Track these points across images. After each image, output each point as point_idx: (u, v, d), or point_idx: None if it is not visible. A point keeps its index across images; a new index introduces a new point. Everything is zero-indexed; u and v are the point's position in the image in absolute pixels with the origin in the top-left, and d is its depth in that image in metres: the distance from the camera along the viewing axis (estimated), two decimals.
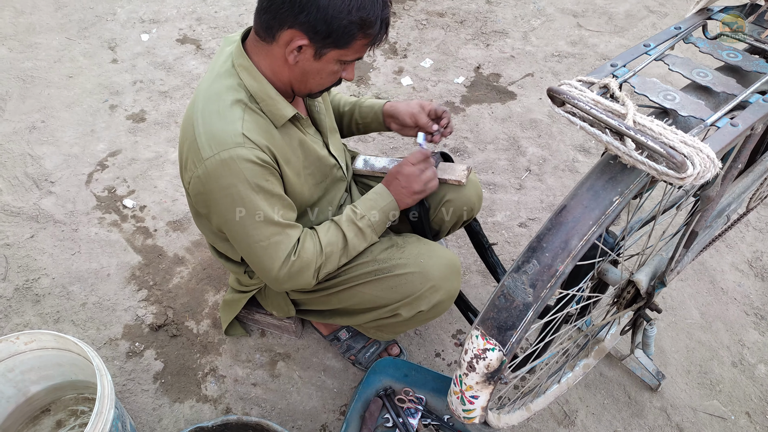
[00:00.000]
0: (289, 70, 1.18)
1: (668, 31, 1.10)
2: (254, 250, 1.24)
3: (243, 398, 1.69)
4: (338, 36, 1.10)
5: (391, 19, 1.18)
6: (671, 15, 3.27)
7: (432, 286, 1.36)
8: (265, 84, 1.19)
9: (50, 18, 3.14)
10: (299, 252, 1.26)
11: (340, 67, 1.19)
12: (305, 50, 1.13)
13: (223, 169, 1.14)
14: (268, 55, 1.17)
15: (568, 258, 0.93)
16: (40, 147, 2.43)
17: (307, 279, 1.29)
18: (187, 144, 1.20)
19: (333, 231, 1.31)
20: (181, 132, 1.25)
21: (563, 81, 0.92)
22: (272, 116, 1.21)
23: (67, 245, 2.07)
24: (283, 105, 1.22)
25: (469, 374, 1.02)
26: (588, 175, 0.98)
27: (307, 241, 1.27)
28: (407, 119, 1.49)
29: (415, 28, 3.16)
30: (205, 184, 1.18)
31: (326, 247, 1.29)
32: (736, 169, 1.07)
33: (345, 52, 1.14)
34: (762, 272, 2.02)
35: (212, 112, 1.17)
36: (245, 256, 1.29)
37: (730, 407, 1.69)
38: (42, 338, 1.42)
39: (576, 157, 2.46)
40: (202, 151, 1.15)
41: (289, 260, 1.25)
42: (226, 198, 1.18)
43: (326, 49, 1.13)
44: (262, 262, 1.25)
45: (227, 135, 1.14)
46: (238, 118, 1.15)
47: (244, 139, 1.14)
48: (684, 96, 0.94)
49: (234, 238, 1.26)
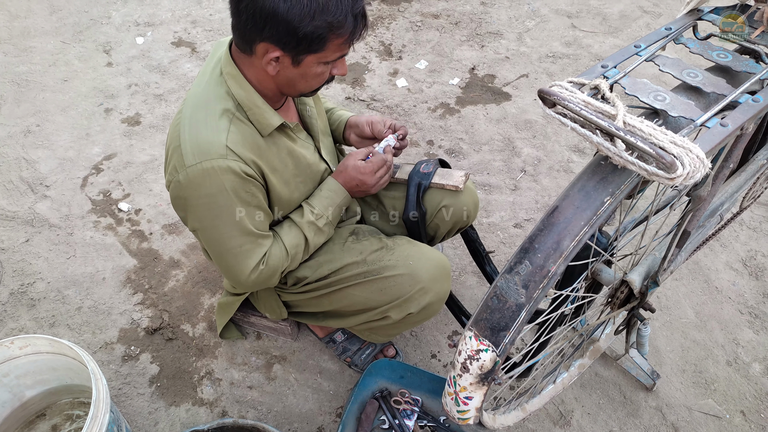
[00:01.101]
0: (273, 78, 1.18)
1: (659, 31, 1.10)
2: (225, 257, 1.27)
3: (239, 401, 1.69)
4: (309, 42, 1.08)
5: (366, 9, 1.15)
6: (665, 15, 3.28)
7: (421, 288, 1.36)
8: (252, 93, 1.19)
9: (45, 22, 3.14)
10: (267, 261, 1.30)
11: (325, 68, 1.17)
12: (282, 59, 1.12)
13: (204, 178, 1.15)
14: (251, 66, 1.17)
15: (560, 259, 0.94)
16: (35, 151, 2.43)
17: (273, 282, 1.36)
18: (172, 148, 1.21)
19: (294, 233, 1.35)
20: (168, 134, 1.26)
21: (554, 82, 0.92)
22: (259, 125, 1.22)
23: (62, 249, 2.07)
24: (269, 114, 1.22)
25: (463, 375, 1.03)
26: (579, 176, 0.98)
27: (273, 248, 1.31)
28: (365, 127, 1.52)
29: (410, 30, 3.17)
30: (184, 190, 1.19)
31: (291, 250, 1.33)
32: (728, 169, 1.08)
33: (323, 54, 1.12)
34: (756, 271, 2.03)
35: (199, 121, 1.17)
36: (215, 260, 1.32)
37: (724, 406, 1.69)
38: (37, 343, 1.41)
39: (571, 157, 2.46)
40: (185, 158, 1.16)
41: (258, 268, 1.29)
42: (204, 206, 1.20)
43: (302, 56, 1.11)
44: (232, 268, 1.29)
45: (211, 146, 1.15)
46: (223, 130, 1.16)
47: (228, 151, 1.15)
48: (674, 96, 0.94)
49: (207, 243, 1.29)
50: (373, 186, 1.42)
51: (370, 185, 1.41)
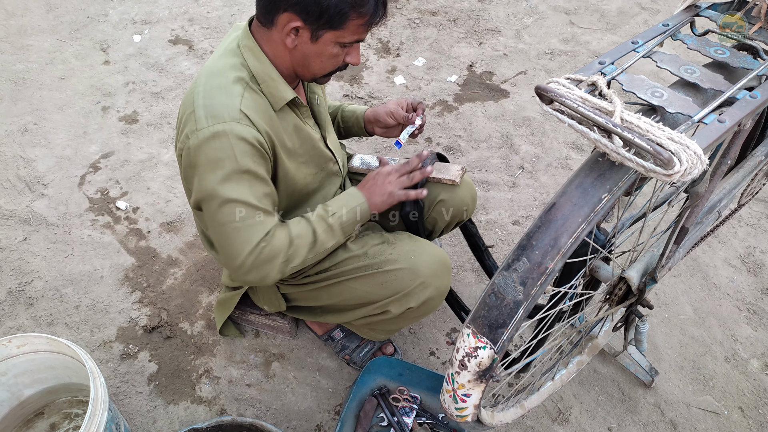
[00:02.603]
0: (290, 54, 1.19)
1: (656, 28, 1.10)
2: (226, 230, 1.19)
3: (238, 399, 1.69)
4: (331, 16, 1.10)
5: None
6: (663, 12, 3.28)
7: (421, 283, 1.36)
8: (268, 65, 1.21)
9: (42, 20, 3.13)
10: (270, 239, 1.21)
11: (341, 50, 1.19)
12: (302, 33, 1.14)
13: (214, 141, 1.14)
14: (270, 41, 1.19)
15: (557, 255, 0.94)
16: (32, 149, 2.42)
17: (272, 271, 1.23)
18: (185, 116, 1.19)
19: (303, 224, 1.29)
20: (180, 107, 1.25)
21: (551, 79, 0.92)
22: (272, 98, 1.22)
23: (60, 248, 2.06)
24: (283, 87, 1.23)
25: (461, 372, 1.02)
26: (577, 172, 0.98)
27: (278, 231, 1.24)
28: (388, 119, 1.53)
29: (408, 27, 3.16)
30: (194, 155, 1.16)
31: (295, 239, 1.25)
32: (726, 166, 1.08)
33: (341, 33, 1.14)
34: (754, 267, 2.03)
35: (213, 87, 1.18)
36: (215, 237, 1.24)
37: (723, 402, 1.69)
38: (35, 341, 1.41)
39: (569, 154, 2.46)
40: (198, 123, 1.15)
41: (259, 246, 1.20)
42: (211, 172, 1.16)
43: (321, 31, 1.13)
44: (232, 244, 1.20)
45: (225, 109, 1.15)
46: (237, 95, 1.17)
47: (241, 116, 1.15)
48: (672, 93, 0.94)
49: (209, 216, 1.22)
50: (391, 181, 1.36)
51: (389, 180, 1.36)
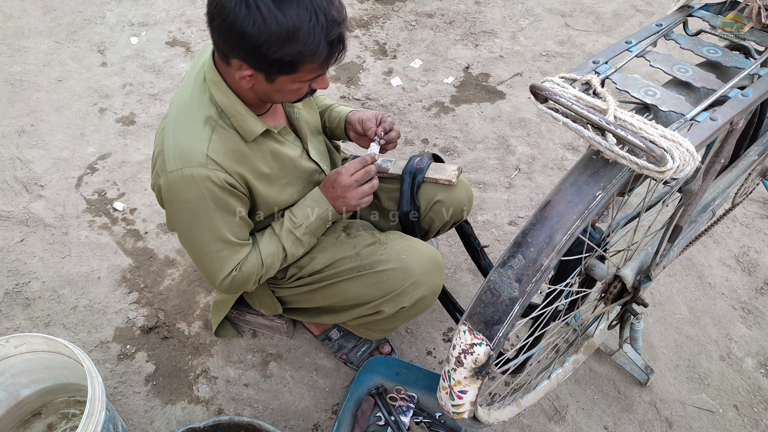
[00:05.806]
0: (251, 90, 1.16)
1: (649, 28, 1.11)
2: (203, 260, 1.30)
3: (235, 399, 1.69)
4: (280, 66, 1.05)
5: (346, 33, 1.09)
6: (658, 14, 3.30)
7: (414, 282, 1.37)
8: (235, 100, 1.18)
9: (39, 22, 3.13)
10: (241, 267, 1.31)
11: (302, 84, 1.13)
12: (255, 76, 1.10)
13: (184, 184, 1.17)
14: (230, 76, 1.15)
15: (552, 252, 0.94)
16: (30, 151, 2.42)
17: (248, 287, 1.36)
18: (157, 152, 1.23)
19: (273, 242, 1.36)
20: (155, 138, 1.27)
21: (546, 78, 0.93)
22: (242, 131, 1.21)
23: (57, 249, 2.07)
24: (252, 121, 1.21)
25: (457, 369, 1.03)
26: (571, 170, 0.99)
27: (250, 257, 1.32)
28: (357, 125, 1.50)
29: (405, 29, 3.18)
30: (165, 195, 1.22)
31: (266, 259, 1.34)
32: (719, 164, 1.09)
33: (296, 76, 1.09)
34: (749, 267, 2.05)
35: (182, 128, 1.18)
36: (193, 260, 1.34)
37: (718, 400, 1.70)
38: (32, 341, 1.41)
39: (565, 155, 2.48)
40: (167, 164, 1.17)
41: (231, 274, 1.30)
42: (183, 211, 1.22)
43: (274, 76, 1.09)
44: (208, 270, 1.31)
45: (192, 153, 1.15)
46: (204, 139, 1.16)
47: (208, 160, 1.15)
48: (665, 91, 0.95)
49: (186, 245, 1.32)
50: (349, 187, 1.33)
51: (346, 185, 1.33)
